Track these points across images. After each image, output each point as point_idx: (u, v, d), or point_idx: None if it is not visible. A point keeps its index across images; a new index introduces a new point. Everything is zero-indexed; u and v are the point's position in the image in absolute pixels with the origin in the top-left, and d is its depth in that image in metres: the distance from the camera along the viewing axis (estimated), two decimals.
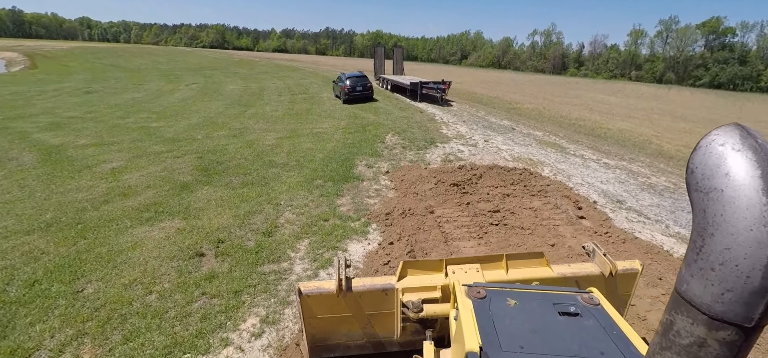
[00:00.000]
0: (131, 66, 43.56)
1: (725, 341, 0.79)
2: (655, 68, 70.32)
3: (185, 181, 7.69)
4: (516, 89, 30.22)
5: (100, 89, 23.43)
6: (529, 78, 50.52)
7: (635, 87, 42.79)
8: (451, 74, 49.64)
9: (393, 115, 15.24)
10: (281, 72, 39.05)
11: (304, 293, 2.88)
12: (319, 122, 13.89)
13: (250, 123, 13.69)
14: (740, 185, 0.73)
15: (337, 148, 10.32)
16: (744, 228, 0.72)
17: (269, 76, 33.95)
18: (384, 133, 11.91)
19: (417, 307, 2.76)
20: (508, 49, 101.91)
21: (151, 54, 67.59)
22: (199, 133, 12.17)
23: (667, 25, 72.88)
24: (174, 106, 17.08)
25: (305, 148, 10.37)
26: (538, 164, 9.16)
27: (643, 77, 69.85)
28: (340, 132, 12.24)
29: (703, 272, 0.79)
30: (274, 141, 11.10)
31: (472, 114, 15.93)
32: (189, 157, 9.43)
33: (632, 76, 71.35)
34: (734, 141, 0.77)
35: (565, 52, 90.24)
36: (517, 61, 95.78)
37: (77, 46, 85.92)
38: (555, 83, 41.08)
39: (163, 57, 60.53)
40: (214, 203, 6.62)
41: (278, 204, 6.55)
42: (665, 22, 73.27)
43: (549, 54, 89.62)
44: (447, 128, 12.77)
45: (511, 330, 1.64)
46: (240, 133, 12.14)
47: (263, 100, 19.61)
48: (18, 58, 53.13)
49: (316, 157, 9.43)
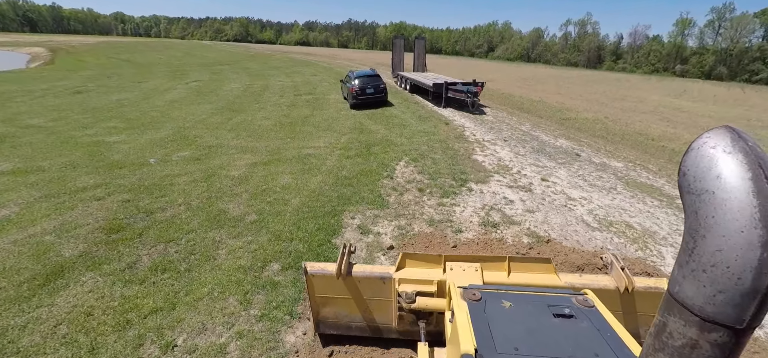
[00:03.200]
0: (145, 61, 42.30)
1: (717, 343, 0.78)
2: (704, 62, 63.09)
3: (64, 259, 4.80)
4: (560, 89, 25.88)
5: (93, 88, 21.49)
6: (571, 74, 45.32)
7: (699, 86, 36.92)
8: (478, 68, 45.31)
9: (410, 127, 11.93)
10: (293, 67, 36.37)
11: (309, 272, 3.05)
12: (313, 137, 10.82)
13: (227, 137, 10.81)
14: (731, 188, 0.73)
15: (324, 187, 7.20)
16: (735, 230, 0.72)
17: (279, 72, 31.30)
18: (395, 160, 8.68)
19: (410, 298, 2.76)
20: (538, 41, 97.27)
21: (170, 48, 67.04)
22: (158, 152, 9.41)
23: (721, 13, 65.71)
24: (155, 111, 14.55)
25: (281, 185, 7.32)
26: (648, 242, 5.53)
27: (689, 72, 63.59)
28: (337, 155, 9.11)
29: (695, 273, 0.79)
30: (244, 170, 8.13)
31: (513, 127, 12.28)
32: (112, 199, 6.60)
33: (677, 71, 65.29)
34: (725, 144, 0.77)
35: (601, 44, 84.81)
36: (547, 53, 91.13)
37: (103, 41, 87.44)
38: (602, 80, 35.95)
39: (181, 51, 59.63)
40: (57, 335, 3.65)
41: (171, 345, 3.48)
42: (718, 10, 66.08)
43: (583, 46, 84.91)
44: (483, 152, 9.33)
45: (506, 332, 1.63)
46: (207, 154, 9.26)
47: (260, 102, 16.79)
48: (43, 53, 53.70)
49: (288, 206, 6.36)
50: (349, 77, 15.79)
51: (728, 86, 40.22)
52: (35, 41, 74.93)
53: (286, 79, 25.89)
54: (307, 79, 26.52)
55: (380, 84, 15.22)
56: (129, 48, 63.52)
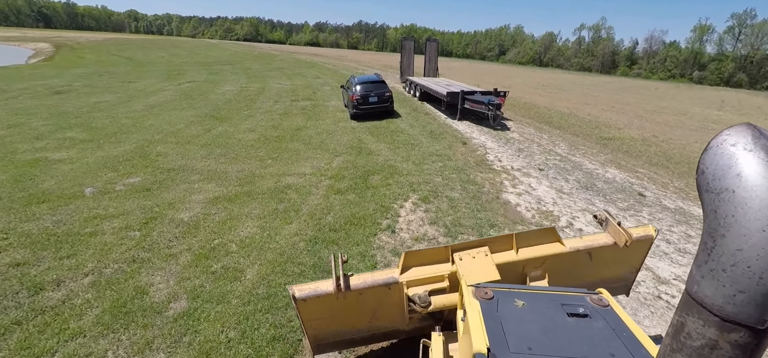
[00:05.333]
0: (146, 59, 40.99)
1: (737, 344, 0.76)
2: (723, 68, 62.85)
3: None
4: (586, 98, 23.35)
5: (78, 88, 19.87)
6: (592, 81, 42.52)
7: (733, 96, 33.91)
8: (492, 72, 42.76)
9: (419, 148, 9.81)
10: (296, 68, 34.49)
11: (298, 297, 2.59)
12: (300, 159, 8.78)
13: (197, 156, 8.85)
14: (752, 186, 0.71)
15: (298, 244, 5.14)
16: (756, 229, 0.70)
17: (280, 73, 29.44)
18: (399, 198, 6.58)
19: (425, 301, 2.53)
20: (551, 45, 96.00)
21: (176, 47, 65.98)
22: (102, 177, 7.50)
23: (741, 19, 65.45)
24: (128, 118, 12.71)
25: (240, 238, 5.29)
26: None
27: (706, 78, 63.05)
28: (324, 188, 7.05)
29: (715, 273, 0.77)
30: (199, 210, 6.13)
31: (546, 149, 10.00)
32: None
33: (694, 78, 65.34)
34: (746, 141, 0.75)
35: (616, 49, 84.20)
36: (560, 57, 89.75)
37: (111, 37, 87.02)
38: (629, 88, 33.08)
39: (186, 50, 58.45)
40: None
41: None
42: (739, 16, 65.98)
43: (597, 51, 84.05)
44: (515, 188, 7.14)
45: (520, 331, 1.59)
46: (162, 182, 7.30)
47: (251, 109, 14.85)
48: (47, 48, 53.06)
49: (239, 284, 4.32)
50: (351, 83, 13.73)
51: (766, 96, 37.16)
52: (42, 37, 74.64)
53: (285, 82, 23.98)
54: (308, 82, 24.57)
55: (385, 92, 13.12)
56: (135, 45, 62.61)
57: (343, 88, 15.08)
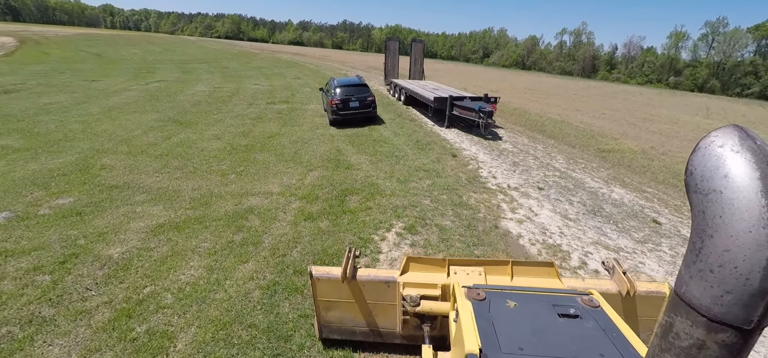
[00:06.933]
0: (116, 56, 38.67)
1: (724, 344, 0.76)
2: (697, 74, 64.93)
3: None
4: (575, 103, 22.87)
5: (31, 87, 18.04)
6: (578, 85, 42.52)
7: (717, 103, 34.27)
8: (478, 75, 42.29)
9: (404, 161, 8.84)
10: (275, 68, 33.05)
11: (315, 275, 2.99)
12: (269, 173, 7.68)
13: (148, 170, 7.63)
14: (739, 187, 0.72)
15: (251, 293, 4.09)
16: (743, 230, 0.70)
17: (258, 73, 28.01)
18: (381, 226, 5.58)
19: (414, 301, 2.76)
20: (533, 49, 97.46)
21: (150, 43, 63.06)
22: (27, 197, 6.28)
23: (715, 27, 67.11)
24: (79, 122, 11.28)
25: (177, 287, 4.20)
26: None
27: (682, 84, 64.87)
28: (293, 212, 5.99)
29: (702, 273, 0.77)
30: (134, 244, 4.98)
31: (543, 163, 9.12)
32: None
33: (670, 83, 67.29)
34: (733, 143, 0.75)
35: (596, 54, 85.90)
36: (542, 61, 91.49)
37: (82, 33, 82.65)
38: (615, 94, 32.86)
39: (161, 47, 55.86)
40: None
41: None
42: (712, 24, 67.62)
43: (579, 55, 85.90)
44: (514, 212, 6.23)
45: (511, 332, 1.59)
46: (99, 203, 6.09)
47: (221, 112, 13.58)
48: (9, 43, 49.48)
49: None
50: (330, 86, 12.65)
51: (747, 103, 38.03)
52: (7, 30, 69.98)
53: (263, 82, 22.65)
54: (287, 82, 23.30)
55: (368, 96, 12.11)
56: (106, 41, 59.38)
57: (323, 92, 14.00)
